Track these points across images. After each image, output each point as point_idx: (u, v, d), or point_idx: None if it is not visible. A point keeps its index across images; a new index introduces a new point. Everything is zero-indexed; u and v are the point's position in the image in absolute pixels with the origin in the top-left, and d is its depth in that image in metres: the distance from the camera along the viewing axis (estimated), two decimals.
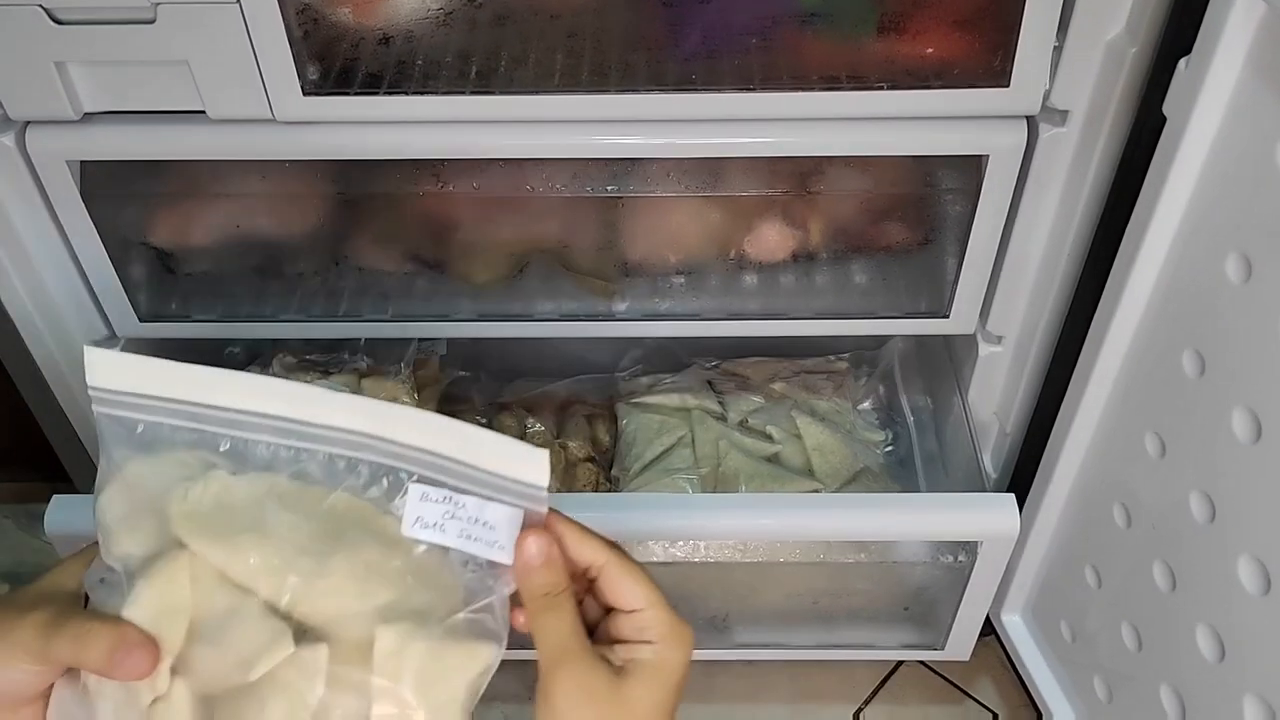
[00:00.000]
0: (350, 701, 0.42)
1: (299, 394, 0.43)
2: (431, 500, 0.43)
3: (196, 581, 0.42)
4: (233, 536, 0.42)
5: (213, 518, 0.42)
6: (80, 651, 0.40)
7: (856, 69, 0.68)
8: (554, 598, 0.44)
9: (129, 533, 0.43)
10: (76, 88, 0.69)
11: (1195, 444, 0.64)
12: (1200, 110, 0.56)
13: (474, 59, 0.68)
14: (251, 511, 0.43)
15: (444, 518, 0.43)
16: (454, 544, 0.43)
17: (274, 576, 0.42)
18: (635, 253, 0.81)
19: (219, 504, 0.43)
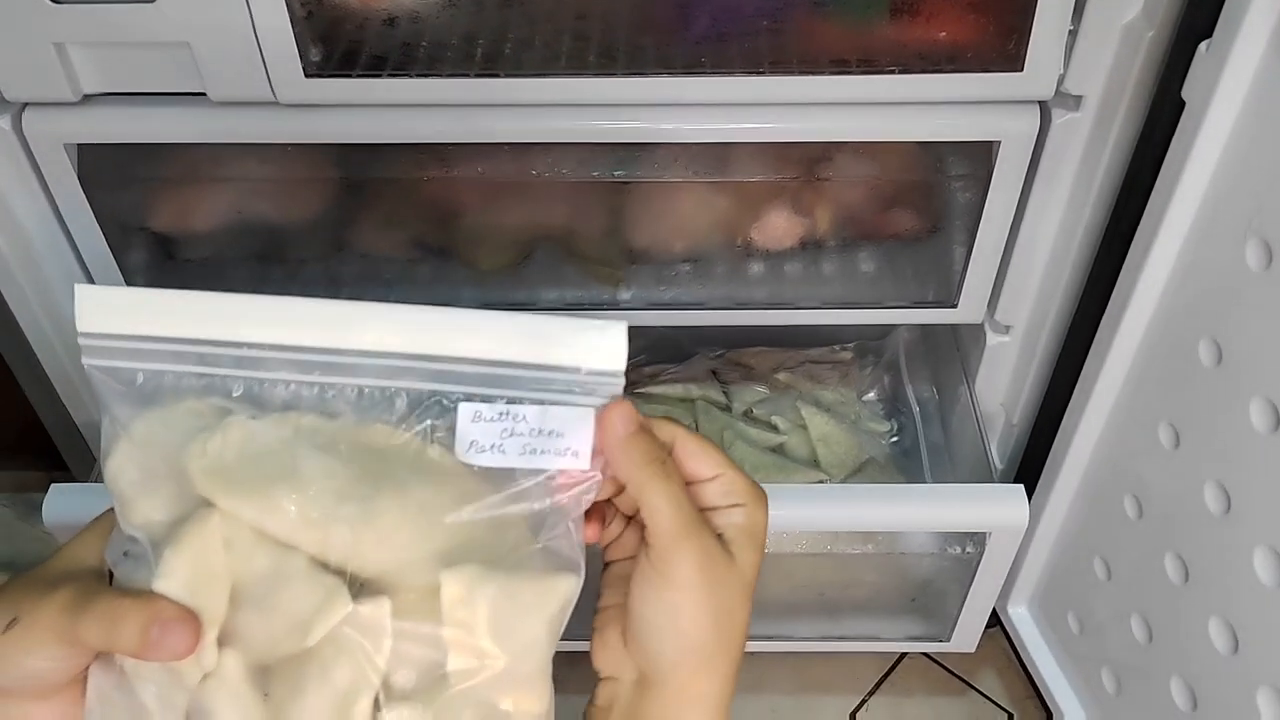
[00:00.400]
0: (421, 657, 0.38)
1: (319, 315, 0.38)
2: (485, 419, 0.38)
3: (231, 543, 0.37)
4: (264, 488, 0.37)
5: (238, 470, 0.37)
6: (111, 633, 0.36)
7: (868, 53, 0.67)
8: (663, 464, 0.40)
9: (147, 497, 0.38)
10: (75, 69, 0.67)
11: (1211, 434, 0.63)
12: (1221, 94, 0.55)
13: (480, 41, 0.66)
14: (280, 458, 0.38)
15: (502, 436, 0.38)
16: (519, 463, 0.38)
17: (317, 529, 0.37)
18: (641, 240, 0.80)
19: (243, 454, 0.38)
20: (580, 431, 0.38)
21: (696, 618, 0.40)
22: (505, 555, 0.38)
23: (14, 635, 0.37)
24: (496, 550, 0.38)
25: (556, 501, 0.39)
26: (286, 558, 0.37)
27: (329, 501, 0.37)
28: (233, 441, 0.38)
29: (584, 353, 0.38)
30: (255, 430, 0.38)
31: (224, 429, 0.38)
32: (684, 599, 0.40)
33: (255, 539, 0.37)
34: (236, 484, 0.37)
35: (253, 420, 0.38)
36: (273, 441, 0.38)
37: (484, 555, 0.38)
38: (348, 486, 0.37)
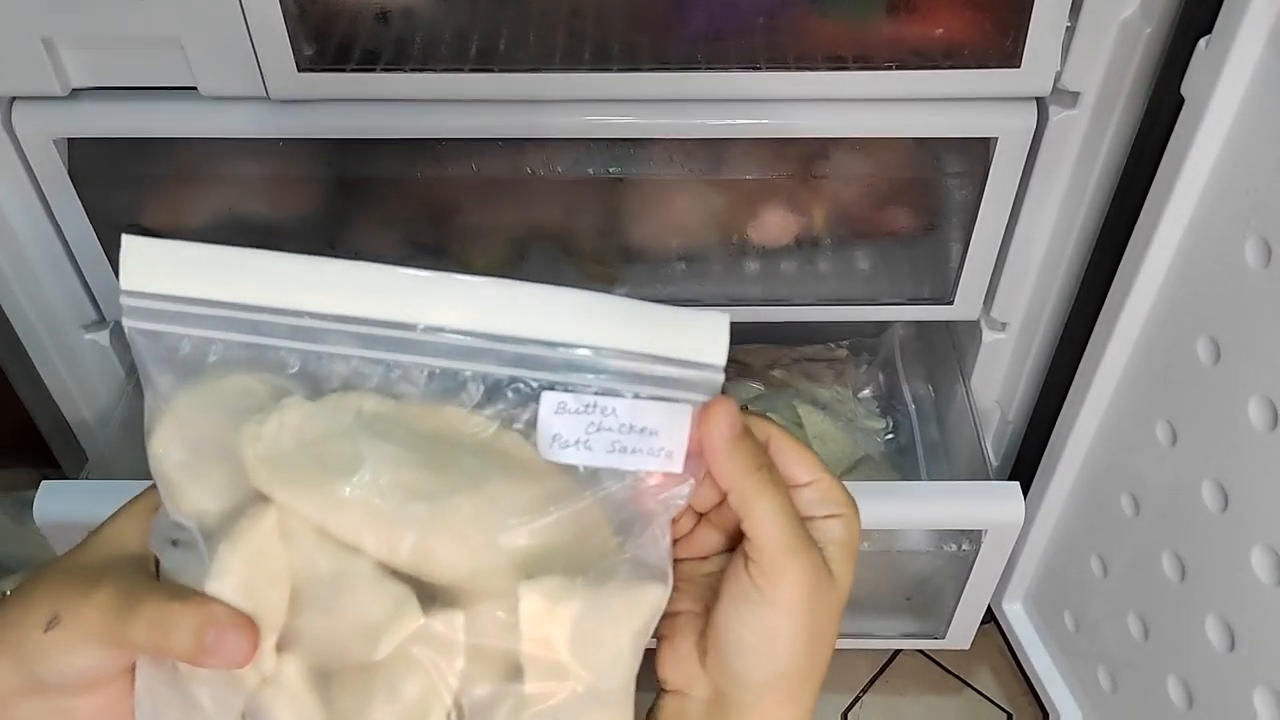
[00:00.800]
0: (496, 676, 0.34)
1: (390, 284, 0.34)
2: (570, 411, 0.34)
3: (290, 540, 0.33)
4: (326, 482, 0.33)
5: (297, 459, 0.33)
6: (162, 638, 0.33)
7: (864, 49, 0.67)
8: (769, 471, 0.36)
9: (196, 482, 0.34)
10: (64, 63, 0.67)
11: (1208, 432, 0.63)
12: (1221, 91, 0.55)
13: (474, 36, 0.66)
14: (343, 446, 0.33)
15: (588, 431, 0.34)
16: (607, 462, 0.34)
17: (384, 528, 0.33)
18: (636, 237, 0.79)
19: (301, 440, 0.34)
20: (676, 430, 0.35)
21: (795, 642, 0.36)
22: (589, 563, 0.35)
23: (55, 636, 0.34)
24: (579, 558, 0.35)
25: (645, 506, 0.35)
26: (351, 559, 0.34)
27: (397, 498, 0.33)
28: (290, 425, 0.34)
29: (685, 342, 0.35)
30: (314, 413, 0.34)
31: (280, 411, 0.34)
32: (785, 621, 0.36)
33: (316, 536, 0.34)
34: (295, 475, 0.34)
35: (311, 403, 0.34)
36: (334, 427, 0.34)
37: (566, 563, 0.34)
38: (418, 481, 0.34)
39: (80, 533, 0.77)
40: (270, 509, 0.34)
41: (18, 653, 0.35)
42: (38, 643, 0.34)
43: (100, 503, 0.78)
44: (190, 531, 0.34)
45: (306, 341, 0.34)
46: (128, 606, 0.34)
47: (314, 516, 0.34)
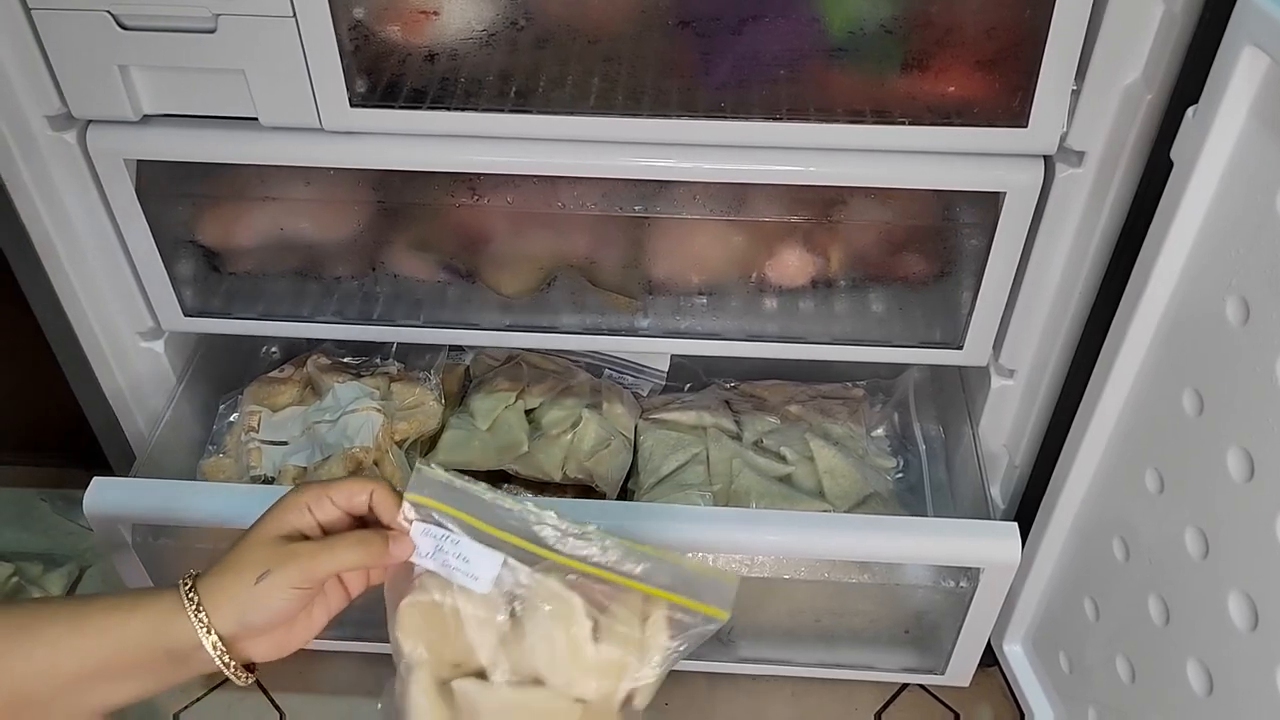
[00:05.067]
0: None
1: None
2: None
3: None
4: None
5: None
6: (363, 552, 0.54)
7: (880, 103, 0.71)
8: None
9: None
10: (138, 90, 0.72)
11: (1192, 481, 0.66)
12: (1205, 157, 0.58)
13: (514, 79, 0.71)
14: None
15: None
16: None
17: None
18: (659, 272, 0.83)
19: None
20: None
21: None
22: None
23: (264, 586, 0.52)
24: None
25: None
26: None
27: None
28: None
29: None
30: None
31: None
32: None
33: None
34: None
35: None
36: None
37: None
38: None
39: (127, 527, 0.82)
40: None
41: (235, 602, 0.52)
42: (251, 593, 0.52)
43: (147, 500, 0.84)
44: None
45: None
46: (321, 552, 0.53)
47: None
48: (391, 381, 0.99)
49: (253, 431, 0.96)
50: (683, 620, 0.54)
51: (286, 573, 0.52)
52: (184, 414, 0.95)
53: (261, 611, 0.53)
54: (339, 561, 0.54)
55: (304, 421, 0.96)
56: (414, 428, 0.96)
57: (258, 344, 1.06)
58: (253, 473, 0.94)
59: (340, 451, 0.92)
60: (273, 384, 0.99)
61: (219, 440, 0.99)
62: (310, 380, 1.00)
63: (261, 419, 0.97)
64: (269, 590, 0.52)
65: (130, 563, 0.85)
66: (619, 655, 0.54)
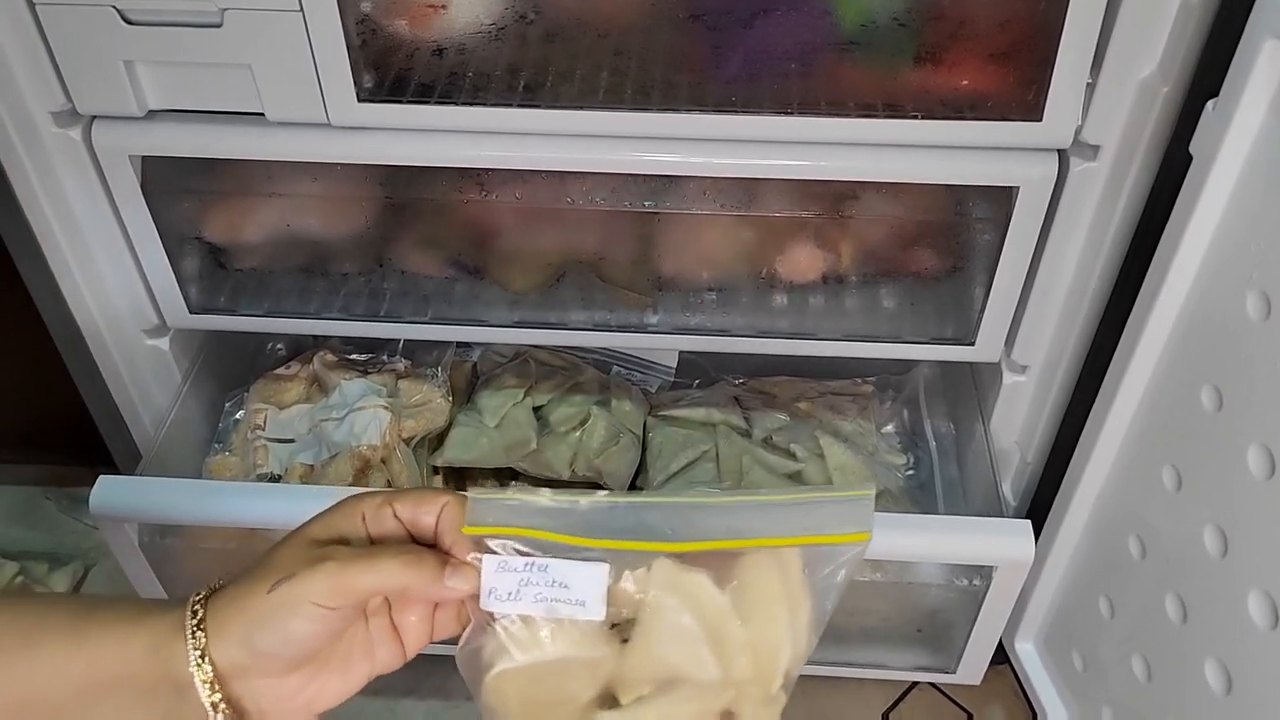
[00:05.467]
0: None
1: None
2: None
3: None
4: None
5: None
6: (410, 572, 0.42)
7: (893, 97, 0.70)
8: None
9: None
10: (143, 86, 0.72)
11: (1211, 478, 0.65)
12: (1225, 151, 0.58)
13: (523, 73, 0.70)
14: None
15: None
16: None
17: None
18: (669, 267, 0.83)
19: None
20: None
21: None
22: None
23: (281, 594, 0.41)
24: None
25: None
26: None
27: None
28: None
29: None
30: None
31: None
32: None
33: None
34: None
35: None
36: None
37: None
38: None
39: (133, 526, 0.82)
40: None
41: (242, 618, 0.41)
42: (262, 605, 0.41)
43: (153, 498, 0.83)
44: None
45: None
46: (356, 560, 0.41)
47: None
48: (399, 378, 0.98)
49: (259, 429, 0.96)
50: (822, 553, 0.45)
51: (309, 582, 0.41)
52: (190, 412, 0.94)
53: (272, 632, 0.41)
54: (378, 577, 0.41)
55: (311, 419, 0.95)
56: (421, 425, 0.95)
57: (263, 341, 1.06)
58: (259, 471, 0.94)
59: (347, 449, 0.91)
60: (279, 381, 0.99)
61: (225, 438, 0.98)
62: (317, 377, 0.99)
63: (268, 417, 0.97)
64: (284, 603, 0.41)
65: (136, 562, 0.84)
66: (768, 621, 0.45)
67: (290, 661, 0.42)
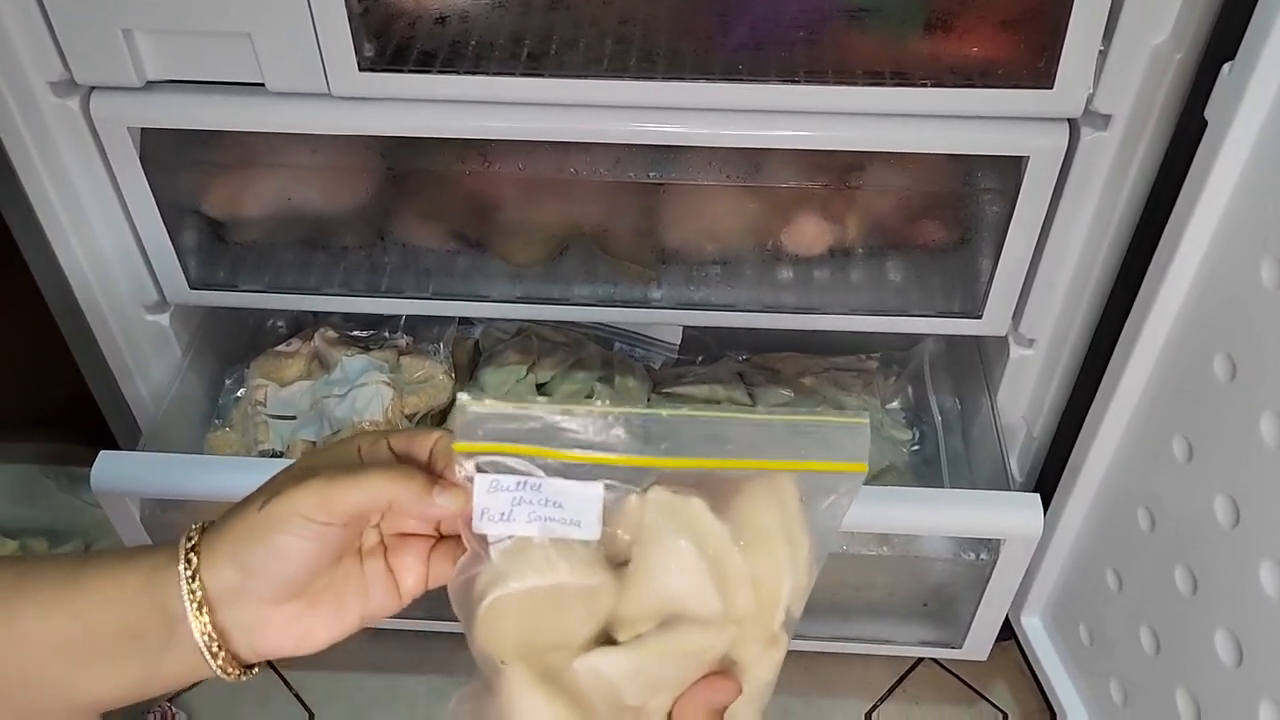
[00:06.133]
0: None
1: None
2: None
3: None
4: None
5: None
6: (396, 488, 0.42)
7: (901, 65, 0.69)
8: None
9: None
10: (142, 55, 0.71)
11: (1223, 448, 0.64)
12: (1242, 115, 0.57)
13: (526, 41, 0.69)
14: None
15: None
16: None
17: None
18: (673, 240, 0.82)
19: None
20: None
21: None
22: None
23: (269, 510, 0.41)
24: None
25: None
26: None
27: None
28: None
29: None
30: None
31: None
32: None
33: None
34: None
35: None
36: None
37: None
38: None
39: (135, 501, 0.81)
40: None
41: (234, 537, 0.42)
42: (253, 522, 0.41)
43: (155, 474, 0.83)
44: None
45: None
46: (342, 475, 0.41)
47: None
48: (400, 355, 0.98)
49: (260, 405, 0.95)
50: (819, 483, 0.43)
51: (296, 495, 0.41)
52: (190, 388, 0.94)
53: (261, 546, 0.41)
54: (364, 491, 0.41)
55: (312, 395, 0.95)
56: (424, 401, 0.95)
57: (264, 317, 1.05)
58: (261, 447, 0.93)
59: (349, 426, 0.90)
60: (280, 358, 0.98)
61: (225, 414, 0.98)
62: (318, 354, 0.98)
63: (269, 393, 0.96)
64: (272, 517, 0.41)
65: (138, 538, 0.84)
66: (768, 553, 0.43)
67: (281, 585, 0.42)
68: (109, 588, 0.42)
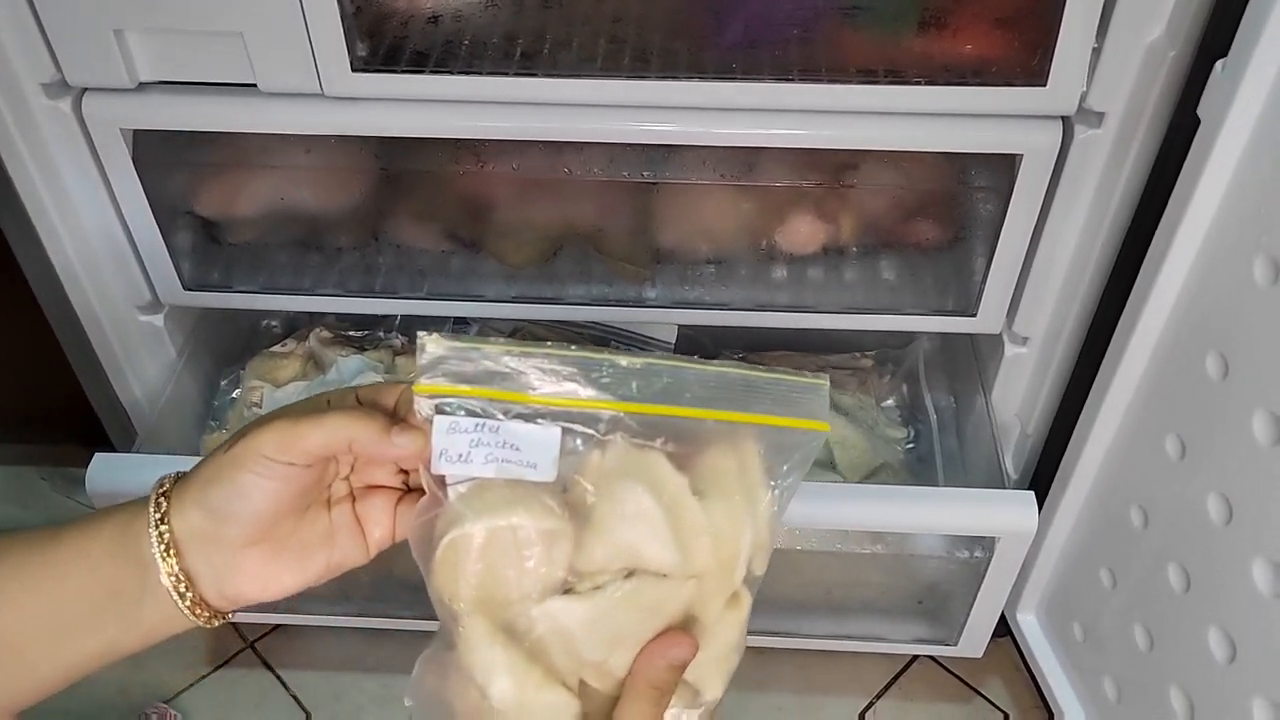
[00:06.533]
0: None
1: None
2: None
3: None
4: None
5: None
6: (355, 427, 0.43)
7: (895, 63, 0.69)
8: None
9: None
10: (134, 56, 0.71)
11: (1215, 446, 0.64)
12: (1234, 113, 0.57)
13: (519, 41, 0.69)
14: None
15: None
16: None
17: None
18: (668, 239, 0.82)
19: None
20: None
21: None
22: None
23: (234, 452, 0.42)
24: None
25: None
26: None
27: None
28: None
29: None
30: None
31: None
32: None
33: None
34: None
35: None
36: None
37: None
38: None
39: None
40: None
41: (201, 480, 0.43)
42: (219, 463, 0.43)
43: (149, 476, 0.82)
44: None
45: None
46: (304, 416, 0.43)
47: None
48: (395, 355, 0.98)
49: (255, 407, 0.95)
50: (780, 443, 0.43)
51: (259, 436, 0.42)
52: (185, 389, 0.93)
53: (226, 486, 0.43)
54: (325, 430, 0.42)
55: (308, 396, 0.95)
56: None
57: (259, 317, 1.05)
58: None
59: None
60: (275, 358, 0.98)
61: (221, 415, 0.98)
62: (313, 355, 0.98)
63: (264, 394, 0.96)
64: (236, 458, 0.42)
65: None
66: (727, 506, 0.43)
67: (246, 526, 0.43)
68: (86, 544, 0.44)
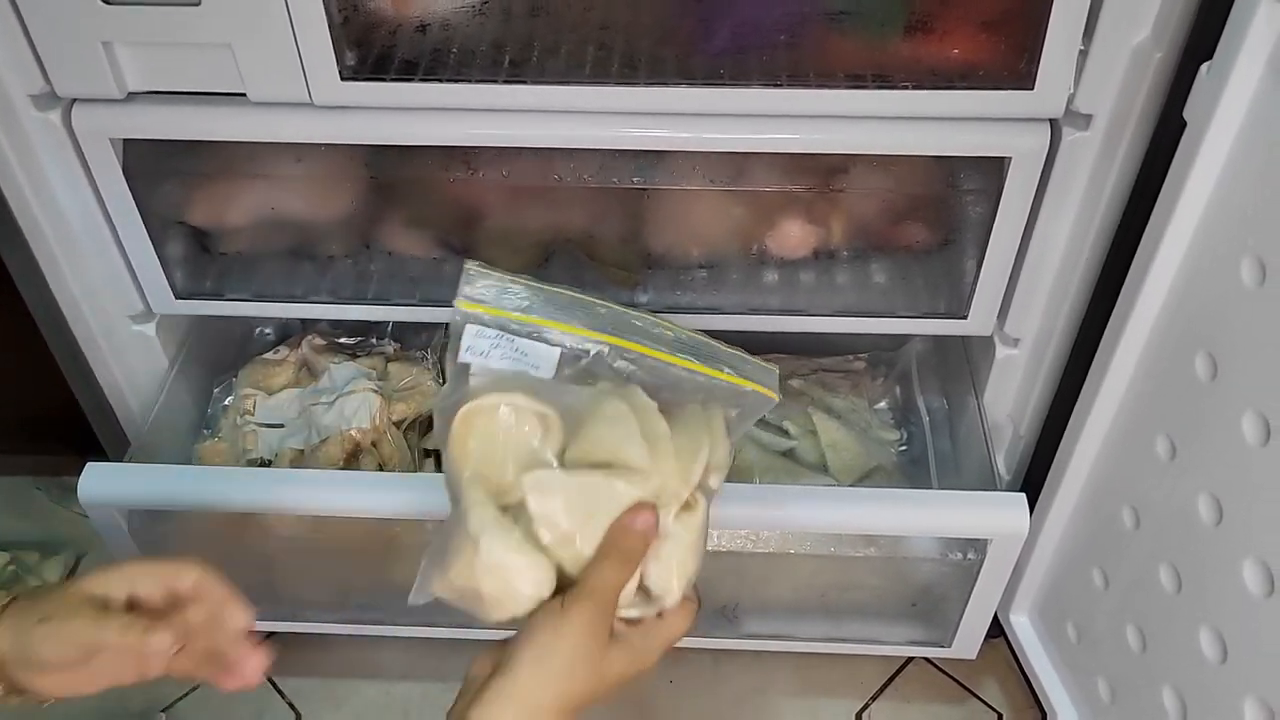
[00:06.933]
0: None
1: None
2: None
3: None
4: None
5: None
6: (136, 639, 0.53)
7: (882, 68, 0.69)
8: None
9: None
10: (122, 67, 0.71)
11: (1205, 446, 0.65)
12: (1220, 115, 0.57)
13: (507, 48, 0.69)
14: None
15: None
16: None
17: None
18: (658, 245, 0.82)
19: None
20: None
21: None
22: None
23: (44, 629, 0.54)
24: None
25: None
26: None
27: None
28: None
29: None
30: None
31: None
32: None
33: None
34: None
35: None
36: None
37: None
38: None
39: (123, 512, 0.81)
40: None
41: (18, 630, 0.54)
42: (31, 631, 0.54)
43: (142, 485, 0.82)
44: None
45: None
46: (90, 624, 0.54)
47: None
48: (388, 362, 0.98)
49: (248, 415, 0.95)
50: (737, 399, 0.57)
51: (59, 629, 0.54)
52: (178, 398, 0.93)
53: (34, 651, 0.54)
54: (100, 636, 0.54)
55: (300, 403, 0.95)
56: (412, 408, 0.95)
57: (251, 325, 1.05)
58: (249, 456, 0.93)
59: (337, 433, 0.90)
60: (267, 366, 0.98)
61: (214, 424, 0.98)
62: (305, 362, 0.98)
63: (257, 402, 0.96)
64: (44, 637, 0.54)
65: (127, 549, 0.84)
66: (688, 426, 0.55)
67: (53, 669, 0.54)
68: None
